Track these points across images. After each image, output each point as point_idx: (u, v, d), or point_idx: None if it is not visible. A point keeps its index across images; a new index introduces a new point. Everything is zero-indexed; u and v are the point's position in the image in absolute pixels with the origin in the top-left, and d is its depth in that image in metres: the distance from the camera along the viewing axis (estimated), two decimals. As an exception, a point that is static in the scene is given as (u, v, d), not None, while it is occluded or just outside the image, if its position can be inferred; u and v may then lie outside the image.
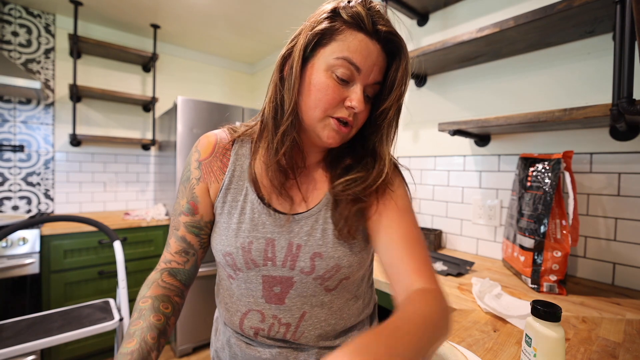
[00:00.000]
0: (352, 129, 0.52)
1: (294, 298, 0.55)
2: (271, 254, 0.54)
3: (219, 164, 0.57)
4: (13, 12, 2.02)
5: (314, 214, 0.55)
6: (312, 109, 0.49)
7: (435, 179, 1.55)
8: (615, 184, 1.03)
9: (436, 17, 1.54)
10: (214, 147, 0.58)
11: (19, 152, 2.04)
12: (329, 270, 0.53)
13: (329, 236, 0.54)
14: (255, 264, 0.54)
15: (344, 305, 0.58)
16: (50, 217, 1.28)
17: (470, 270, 1.14)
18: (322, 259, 0.53)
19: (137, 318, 0.49)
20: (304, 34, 0.48)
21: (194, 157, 0.58)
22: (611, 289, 0.98)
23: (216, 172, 0.57)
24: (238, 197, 0.56)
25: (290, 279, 0.54)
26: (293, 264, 0.53)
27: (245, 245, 0.54)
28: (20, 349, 0.97)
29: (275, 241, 0.54)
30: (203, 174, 0.57)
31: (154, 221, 2.04)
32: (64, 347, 1.74)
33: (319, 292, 0.55)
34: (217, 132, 0.60)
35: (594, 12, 0.90)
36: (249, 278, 0.55)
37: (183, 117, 1.92)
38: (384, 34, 0.48)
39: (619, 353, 0.61)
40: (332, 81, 0.48)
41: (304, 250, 0.53)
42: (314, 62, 0.49)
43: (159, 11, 2.09)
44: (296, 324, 0.55)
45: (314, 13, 0.50)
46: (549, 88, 1.17)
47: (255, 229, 0.54)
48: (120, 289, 1.26)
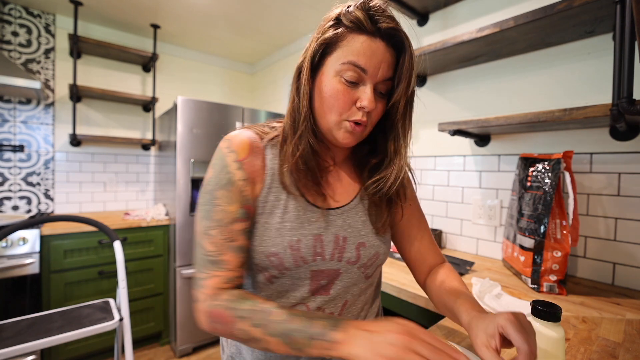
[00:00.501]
0: (367, 127, 0.55)
1: (339, 288, 0.58)
2: (320, 249, 0.56)
3: (259, 163, 0.56)
4: (13, 12, 2.02)
5: (353, 207, 0.60)
6: (327, 114, 0.53)
7: (435, 179, 1.55)
8: (615, 184, 1.03)
9: (436, 17, 1.54)
10: (251, 147, 0.55)
11: (19, 152, 2.04)
12: (371, 258, 0.60)
13: (368, 226, 0.60)
14: (304, 260, 0.55)
15: (372, 294, 0.65)
16: (50, 217, 1.28)
17: (470, 270, 1.14)
18: (366, 248, 0.59)
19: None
20: (312, 44, 0.52)
21: (229, 158, 0.54)
22: (611, 289, 0.98)
23: (259, 171, 0.55)
24: (280, 195, 0.55)
25: (337, 271, 0.57)
26: (340, 255, 0.57)
27: (294, 244, 0.54)
28: (20, 349, 0.97)
29: (323, 236, 0.56)
30: (248, 174, 0.54)
31: (154, 221, 2.04)
32: (64, 347, 1.74)
33: (360, 280, 0.60)
34: (244, 132, 0.57)
35: (594, 12, 0.90)
36: (297, 275, 0.55)
37: (183, 117, 1.91)
38: (385, 30, 0.49)
39: (619, 353, 0.61)
40: (342, 85, 0.50)
41: (349, 242, 0.58)
42: (323, 70, 0.52)
43: (159, 11, 2.09)
44: (338, 312, 0.59)
45: (322, 20, 0.53)
46: (549, 88, 1.17)
47: (301, 226, 0.55)
48: (120, 289, 1.26)
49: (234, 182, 0.53)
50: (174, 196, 1.96)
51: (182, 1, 1.96)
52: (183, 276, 1.94)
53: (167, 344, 2.13)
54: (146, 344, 2.12)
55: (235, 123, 2.12)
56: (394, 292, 0.99)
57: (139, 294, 2.00)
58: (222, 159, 0.54)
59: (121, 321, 1.20)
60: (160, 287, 2.08)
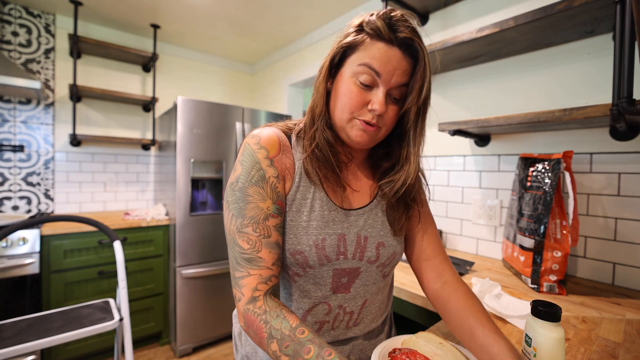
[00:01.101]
0: (381, 130, 0.55)
1: (359, 287, 0.60)
2: (343, 248, 0.57)
3: (289, 160, 0.57)
4: (13, 12, 2.02)
5: (373, 208, 0.62)
6: (340, 112, 0.55)
7: (435, 179, 1.55)
8: (615, 184, 1.03)
9: (436, 17, 1.54)
10: (280, 144, 0.56)
11: (19, 152, 2.04)
12: (389, 258, 0.62)
13: (387, 227, 0.62)
14: (328, 259, 0.56)
15: (387, 293, 0.67)
16: (50, 217, 1.28)
17: (470, 270, 1.14)
18: (385, 248, 0.61)
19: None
20: (333, 47, 0.55)
21: (260, 155, 0.54)
22: (611, 289, 0.98)
23: (289, 169, 0.56)
24: (307, 194, 0.57)
25: (357, 269, 0.59)
26: (362, 254, 0.59)
27: (319, 243, 0.55)
28: (20, 349, 0.97)
29: (346, 236, 0.58)
30: (280, 171, 0.55)
31: (154, 221, 2.04)
32: (64, 347, 1.74)
33: (378, 279, 0.62)
34: (270, 129, 0.58)
35: (594, 12, 0.90)
36: (320, 273, 0.57)
37: (183, 117, 1.91)
38: (402, 39, 0.51)
39: (619, 353, 0.61)
40: (356, 87, 0.53)
41: (370, 242, 0.60)
42: (342, 72, 0.55)
43: (159, 11, 2.09)
44: (358, 310, 0.61)
45: (345, 26, 0.57)
46: (549, 88, 1.17)
47: (327, 225, 0.56)
48: (120, 289, 1.26)
49: (266, 179, 0.53)
50: (174, 196, 1.96)
51: (182, 1, 1.96)
52: (183, 276, 1.94)
53: (167, 344, 2.13)
54: (146, 344, 2.12)
55: (235, 123, 2.12)
56: (394, 292, 0.99)
57: (139, 294, 2.00)
58: (252, 155, 0.54)
59: (121, 321, 1.20)
60: (160, 287, 2.08)
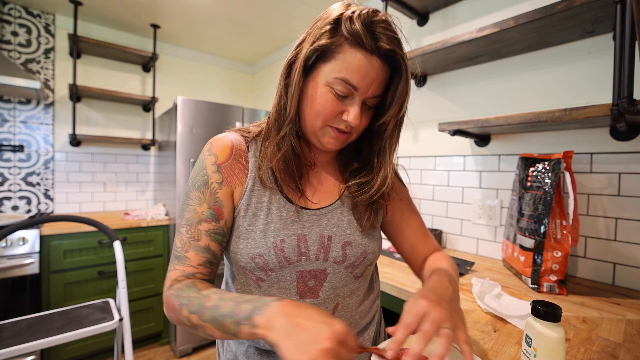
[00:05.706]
0: (352, 135, 0.55)
1: (328, 290, 0.57)
2: (304, 248, 0.56)
3: (240, 166, 0.57)
4: (13, 12, 2.01)
5: (338, 207, 0.60)
6: (313, 119, 0.53)
7: (436, 179, 1.55)
8: (616, 184, 1.02)
9: (436, 17, 1.54)
10: (232, 150, 0.56)
11: (19, 152, 2.04)
12: (358, 257, 0.59)
13: (354, 225, 0.59)
14: (289, 261, 0.55)
15: (364, 295, 0.64)
16: (50, 217, 1.28)
17: (471, 271, 1.14)
18: (352, 247, 0.58)
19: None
20: (306, 45, 0.50)
21: (209, 161, 0.55)
22: (611, 289, 0.98)
23: (239, 174, 0.56)
24: (263, 198, 0.56)
25: (323, 271, 0.57)
26: (326, 255, 0.57)
27: (277, 244, 0.54)
28: (20, 349, 0.97)
29: (307, 236, 0.56)
30: (225, 178, 0.55)
31: (154, 221, 2.04)
32: (64, 347, 1.74)
33: (350, 281, 0.59)
34: (228, 135, 0.58)
35: (594, 12, 0.90)
36: (283, 276, 0.55)
37: (183, 117, 1.91)
38: (384, 51, 0.48)
39: (619, 353, 0.61)
40: (332, 95, 0.50)
41: (335, 241, 0.57)
42: (315, 76, 0.51)
43: (159, 11, 2.09)
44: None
45: (319, 16, 0.51)
46: (549, 88, 1.17)
47: (285, 227, 0.55)
48: (120, 289, 1.26)
49: (208, 184, 0.55)
50: (174, 196, 1.96)
51: (182, 1, 1.96)
52: (183, 276, 1.94)
53: (167, 344, 2.13)
54: (146, 344, 2.12)
55: (235, 123, 2.12)
56: (394, 292, 0.99)
57: (139, 294, 2.00)
58: (202, 162, 0.56)
59: (121, 321, 1.20)
60: (160, 287, 2.08)
